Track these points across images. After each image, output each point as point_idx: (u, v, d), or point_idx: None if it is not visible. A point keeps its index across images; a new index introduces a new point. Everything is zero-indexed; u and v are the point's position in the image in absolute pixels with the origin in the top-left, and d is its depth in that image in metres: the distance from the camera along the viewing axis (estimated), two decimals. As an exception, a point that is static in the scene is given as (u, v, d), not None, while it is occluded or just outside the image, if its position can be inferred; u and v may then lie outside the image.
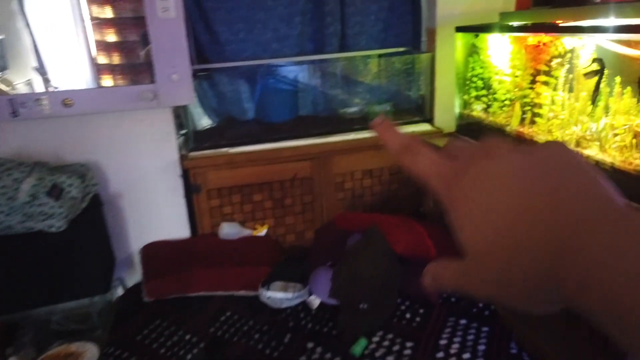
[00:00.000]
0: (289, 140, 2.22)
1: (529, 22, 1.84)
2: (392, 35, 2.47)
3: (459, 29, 2.06)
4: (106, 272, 1.96)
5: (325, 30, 2.37)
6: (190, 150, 2.15)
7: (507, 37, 1.82)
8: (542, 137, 1.68)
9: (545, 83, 1.64)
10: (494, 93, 1.91)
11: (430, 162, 0.29)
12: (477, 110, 2.04)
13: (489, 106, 1.97)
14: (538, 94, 1.69)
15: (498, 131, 1.89)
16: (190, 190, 2.15)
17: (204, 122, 2.50)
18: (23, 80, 1.95)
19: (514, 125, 1.80)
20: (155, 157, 2.11)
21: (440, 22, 2.26)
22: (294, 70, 2.51)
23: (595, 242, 0.20)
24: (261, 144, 2.19)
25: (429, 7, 2.33)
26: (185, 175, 2.14)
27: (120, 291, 2.18)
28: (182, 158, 2.13)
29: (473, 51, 2.02)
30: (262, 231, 2.24)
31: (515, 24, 1.92)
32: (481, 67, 1.98)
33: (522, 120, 1.78)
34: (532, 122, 1.74)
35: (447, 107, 2.33)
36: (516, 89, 1.79)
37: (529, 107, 1.74)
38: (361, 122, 2.39)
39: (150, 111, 2.04)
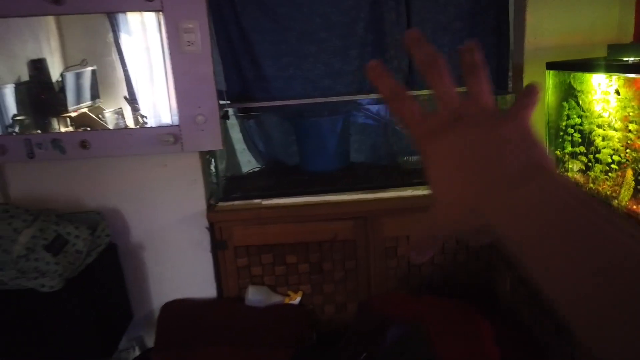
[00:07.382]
0: (330, 194, 1.87)
1: (650, 58, 1.34)
2: (469, 71, 2.04)
3: (551, 66, 1.59)
4: (111, 334, 1.74)
5: (388, 65, 2.02)
6: (220, 200, 1.90)
7: (615, 78, 1.33)
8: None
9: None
10: (596, 152, 1.41)
11: (414, 112, 0.37)
12: (574, 170, 1.55)
13: (588, 168, 1.47)
14: (662, 160, 1.18)
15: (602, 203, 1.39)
16: (216, 247, 1.89)
17: (248, 166, 2.25)
18: (113, 109, 1.97)
19: (623, 200, 1.29)
20: (180, 206, 1.87)
21: (529, 56, 1.80)
22: (349, 110, 2.18)
23: (500, 206, 0.32)
24: (297, 197, 1.87)
25: (516, 38, 1.88)
26: (212, 228, 1.89)
27: (137, 351, 1.96)
28: (210, 208, 1.87)
29: (569, 94, 1.54)
30: (296, 299, 1.90)
31: (630, 60, 1.42)
32: (578, 116, 1.49)
33: (636, 193, 1.27)
34: (652, 197, 1.23)
35: (534, 162, 1.84)
36: (628, 150, 1.29)
37: (647, 176, 1.24)
38: (422, 175, 1.97)
39: (175, 155, 1.82)
